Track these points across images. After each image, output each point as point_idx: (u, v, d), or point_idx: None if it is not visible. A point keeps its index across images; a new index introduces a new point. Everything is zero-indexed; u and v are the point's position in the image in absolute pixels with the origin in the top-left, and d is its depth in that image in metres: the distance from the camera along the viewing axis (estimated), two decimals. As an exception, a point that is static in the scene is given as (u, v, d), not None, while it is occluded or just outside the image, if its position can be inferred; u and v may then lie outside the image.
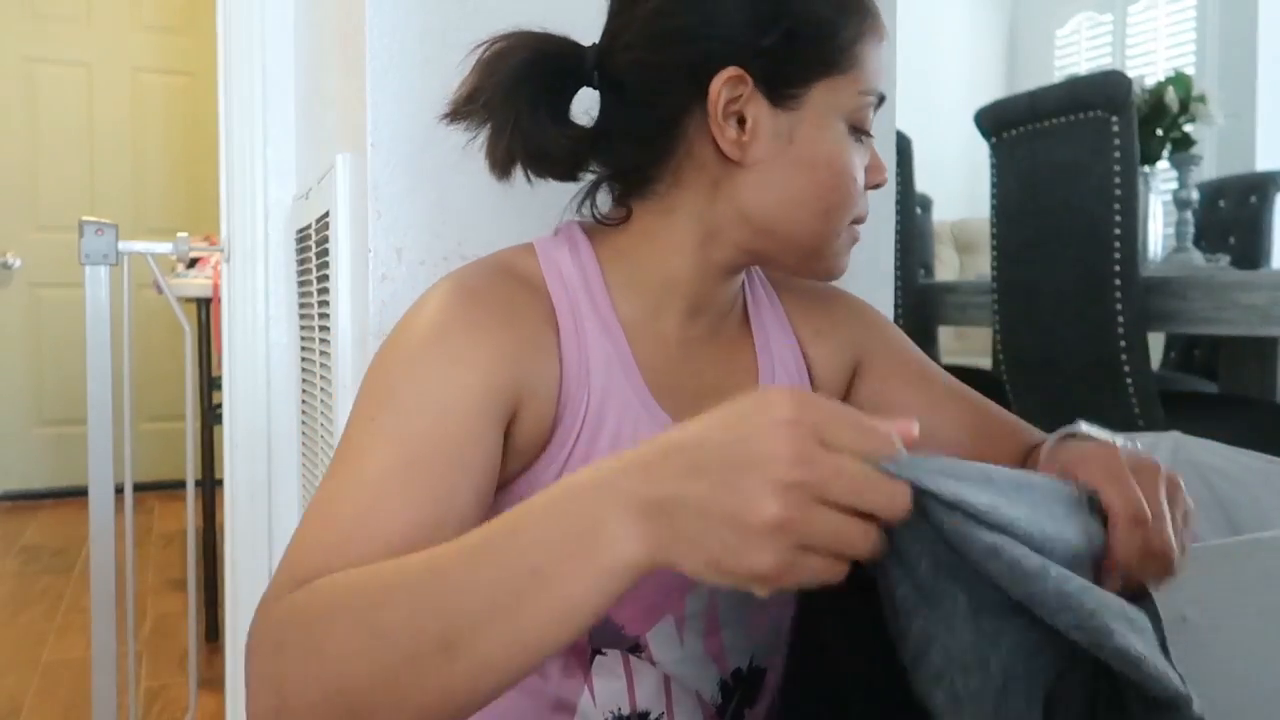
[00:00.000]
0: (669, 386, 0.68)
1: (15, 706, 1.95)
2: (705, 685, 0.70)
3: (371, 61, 0.87)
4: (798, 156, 0.64)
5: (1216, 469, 1.20)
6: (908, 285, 2.36)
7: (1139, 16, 3.86)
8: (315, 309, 1.18)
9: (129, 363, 1.58)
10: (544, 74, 0.66)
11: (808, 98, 0.64)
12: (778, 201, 0.65)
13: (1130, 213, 1.70)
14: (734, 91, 0.63)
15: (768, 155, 0.64)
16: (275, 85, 1.47)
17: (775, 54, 0.63)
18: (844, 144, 0.65)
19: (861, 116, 0.66)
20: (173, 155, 3.93)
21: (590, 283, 0.68)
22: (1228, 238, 2.61)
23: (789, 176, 0.65)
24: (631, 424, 0.65)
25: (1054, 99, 1.81)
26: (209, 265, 2.32)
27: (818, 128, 0.64)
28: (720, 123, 0.63)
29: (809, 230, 0.66)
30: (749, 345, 0.75)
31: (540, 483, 0.64)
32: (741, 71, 0.62)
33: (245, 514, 1.50)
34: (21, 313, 3.75)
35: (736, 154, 0.64)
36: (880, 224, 1.08)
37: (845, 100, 0.65)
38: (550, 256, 0.68)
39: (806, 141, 0.64)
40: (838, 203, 0.66)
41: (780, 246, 0.68)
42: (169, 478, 3.65)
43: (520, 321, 0.63)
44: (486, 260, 0.68)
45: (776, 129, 0.64)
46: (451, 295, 0.62)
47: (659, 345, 0.69)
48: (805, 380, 0.77)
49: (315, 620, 0.48)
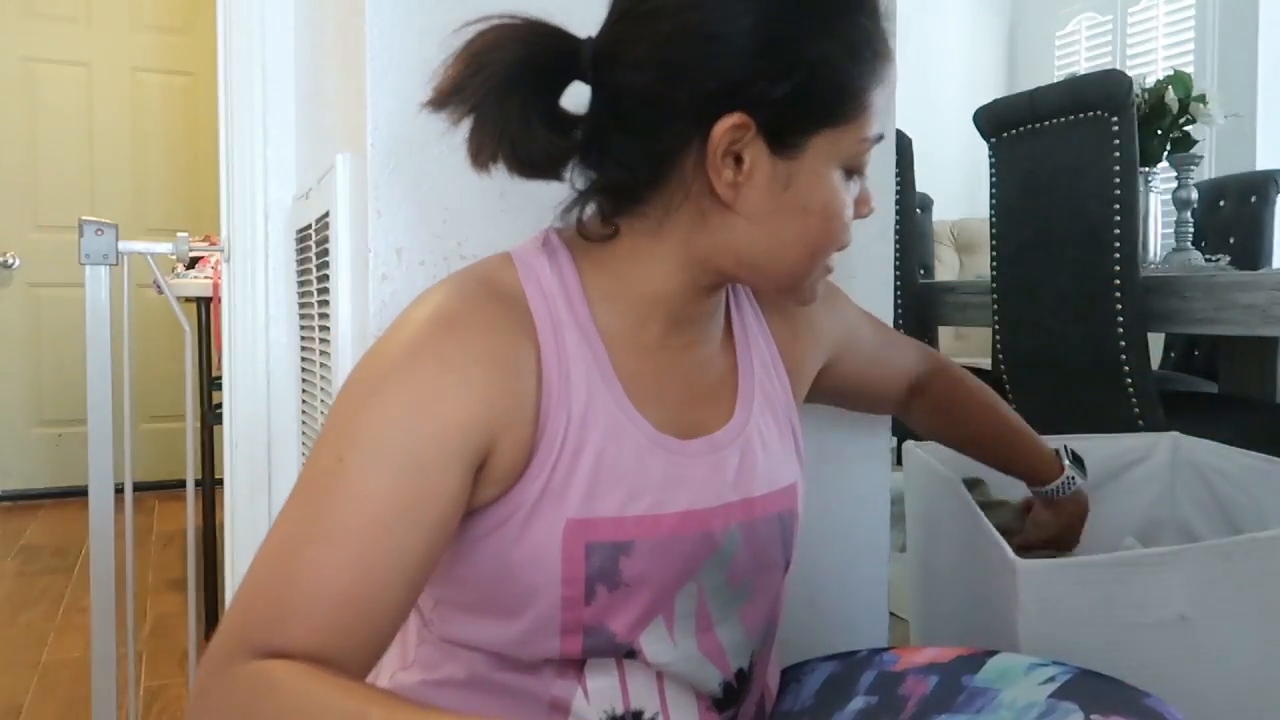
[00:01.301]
0: (652, 395, 0.68)
1: (15, 706, 1.95)
2: (706, 684, 0.70)
3: (371, 61, 0.87)
4: (791, 203, 0.64)
5: (1216, 469, 1.20)
6: (907, 285, 2.36)
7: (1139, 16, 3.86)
8: (315, 309, 1.18)
9: (129, 363, 1.58)
10: (536, 75, 0.64)
11: (809, 145, 0.63)
12: (766, 244, 0.65)
13: (1130, 213, 1.70)
14: (736, 136, 0.61)
15: (761, 201, 0.64)
16: (275, 85, 1.47)
17: (782, 103, 0.61)
18: (839, 190, 0.65)
19: (860, 161, 0.66)
20: (173, 155, 3.92)
21: (570, 293, 0.67)
22: (1228, 238, 2.61)
23: (780, 221, 0.65)
24: (616, 435, 0.65)
25: (1054, 99, 1.81)
26: (209, 265, 2.32)
27: (815, 175, 0.64)
28: (718, 165, 0.62)
29: (794, 268, 0.67)
30: (730, 351, 0.75)
31: (523, 503, 0.63)
32: (746, 118, 0.61)
33: (245, 514, 1.50)
34: (21, 313, 3.75)
35: (730, 196, 0.63)
36: (880, 224, 1.08)
37: (846, 148, 0.64)
38: (529, 267, 0.67)
39: (802, 189, 0.64)
40: (825, 245, 0.67)
41: (763, 279, 0.69)
42: (169, 478, 3.65)
43: (498, 348, 0.62)
44: (467, 275, 0.67)
45: (774, 175, 0.63)
46: (428, 325, 0.61)
47: (641, 354, 0.69)
48: (785, 383, 0.78)
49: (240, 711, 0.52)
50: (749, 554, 0.71)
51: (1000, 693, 0.66)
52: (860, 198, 0.69)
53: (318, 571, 0.55)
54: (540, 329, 0.65)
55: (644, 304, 0.68)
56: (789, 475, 0.75)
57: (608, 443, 0.65)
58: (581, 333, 0.66)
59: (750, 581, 0.72)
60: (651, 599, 0.67)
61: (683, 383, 0.71)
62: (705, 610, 0.70)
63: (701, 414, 0.71)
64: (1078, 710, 0.61)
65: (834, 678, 0.78)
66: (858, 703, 0.74)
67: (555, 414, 0.63)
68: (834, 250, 0.68)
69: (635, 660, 0.68)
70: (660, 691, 0.68)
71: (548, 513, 0.63)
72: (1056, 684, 0.65)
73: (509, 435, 0.62)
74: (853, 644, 1.02)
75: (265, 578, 0.56)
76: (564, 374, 0.64)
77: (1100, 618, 0.85)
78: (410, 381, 0.59)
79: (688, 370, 0.71)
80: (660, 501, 0.66)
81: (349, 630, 0.55)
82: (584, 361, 0.65)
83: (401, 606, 0.58)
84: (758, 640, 0.73)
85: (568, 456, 0.63)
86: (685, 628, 0.69)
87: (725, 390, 0.74)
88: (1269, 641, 0.89)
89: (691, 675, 0.69)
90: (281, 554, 0.57)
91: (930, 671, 0.72)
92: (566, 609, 0.64)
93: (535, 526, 0.63)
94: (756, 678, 0.74)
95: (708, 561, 0.69)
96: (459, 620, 0.68)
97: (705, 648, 0.70)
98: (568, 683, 0.67)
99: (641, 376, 0.68)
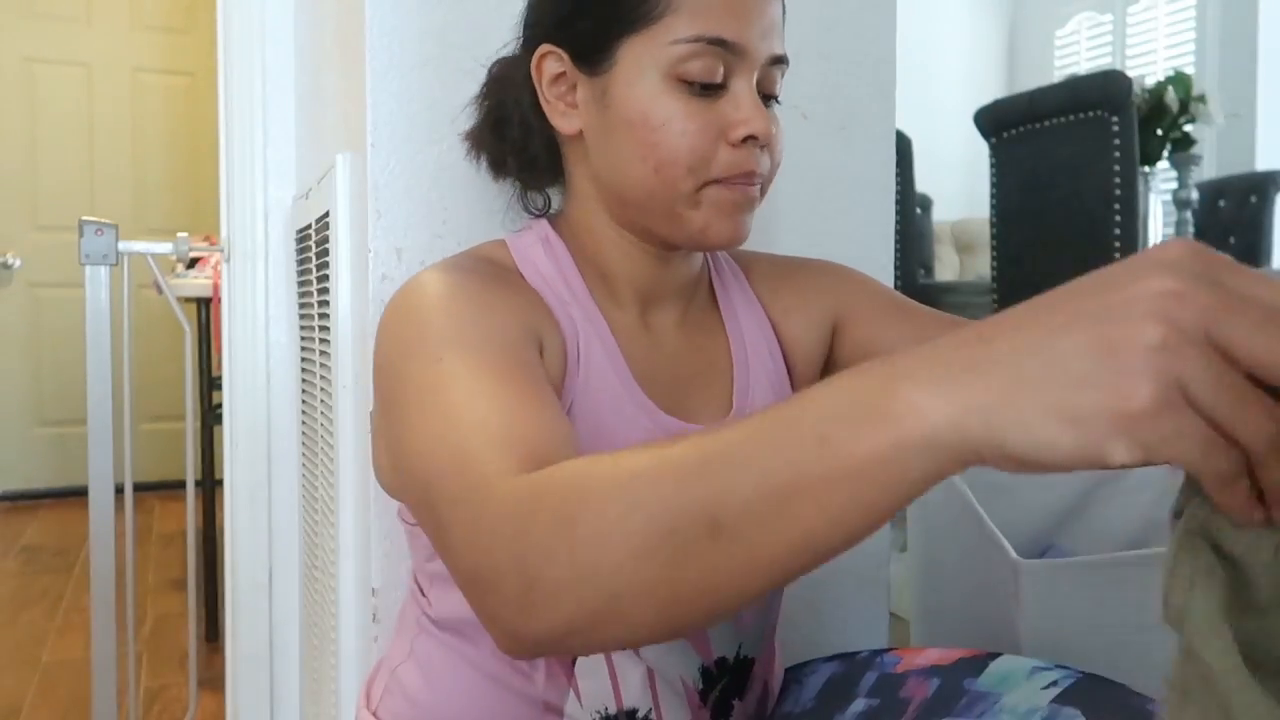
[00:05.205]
0: (646, 374, 0.69)
1: (15, 706, 1.94)
2: (686, 671, 0.70)
3: (371, 61, 0.86)
4: (616, 119, 0.65)
5: (1217, 469, 1.19)
6: (908, 285, 2.36)
7: (1139, 16, 3.86)
8: (315, 309, 1.18)
9: (129, 363, 1.58)
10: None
11: (616, 57, 0.64)
12: (610, 167, 0.67)
13: (1130, 213, 1.70)
14: (554, 69, 0.67)
15: (590, 122, 0.67)
16: (275, 85, 1.47)
17: (574, 21, 0.65)
18: (658, 98, 0.63)
19: (684, 67, 0.62)
20: (173, 155, 3.92)
21: (566, 273, 0.69)
22: (1228, 238, 2.61)
23: (613, 140, 0.66)
24: (615, 408, 0.66)
25: (1054, 99, 1.81)
26: (209, 265, 2.32)
27: (628, 86, 0.64)
28: (549, 100, 0.67)
29: (646, 189, 0.65)
30: (720, 329, 0.75)
31: None
32: (551, 47, 0.66)
33: (245, 514, 1.50)
34: (21, 313, 3.75)
35: (565, 127, 0.68)
36: (880, 224, 1.08)
37: (655, 52, 0.62)
38: (523, 251, 0.70)
39: (617, 101, 0.64)
40: (665, 158, 0.63)
41: (636, 212, 0.67)
42: (169, 478, 3.65)
43: (517, 289, 0.65)
44: (459, 254, 0.70)
45: (592, 95, 0.66)
46: (447, 274, 0.62)
47: (632, 334, 0.70)
48: (779, 360, 0.77)
49: (565, 491, 0.43)
50: None
51: (1002, 697, 0.66)
52: (735, 117, 0.63)
53: (485, 416, 0.50)
54: (547, 299, 0.67)
55: (615, 283, 0.71)
56: None
57: (607, 418, 0.65)
58: (582, 309, 0.67)
59: None
60: None
61: (674, 362, 0.71)
62: None
63: (697, 400, 0.71)
64: (1080, 716, 0.61)
65: (835, 679, 0.78)
66: (859, 705, 0.74)
67: (571, 376, 0.65)
68: (685, 168, 0.63)
69: (624, 654, 0.67)
70: (652, 690, 0.68)
71: None
72: (1059, 689, 0.64)
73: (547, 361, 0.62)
74: (853, 644, 1.02)
75: (443, 464, 0.49)
76: (574, 343, 0.65)
77: (1101, 618, 0.85)
78: (465, 299, 0.59)
79: (678, 350, 0.72)
80: None
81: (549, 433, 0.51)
82: (587, 335, 0.66)
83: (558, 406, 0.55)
84: (751, 634, 0.73)
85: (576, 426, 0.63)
86: None
87: (719, 376, 0.74)
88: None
89: (674, 662, 0.69)
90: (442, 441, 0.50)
91: (932, 674, 0.72)
92: None
93: None
94: (755, 675, 0.74)
95: None
96: (457, 598, 0.68)
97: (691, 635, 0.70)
98: (559, 685, 0.67)
99: (637, 356, 0.69)
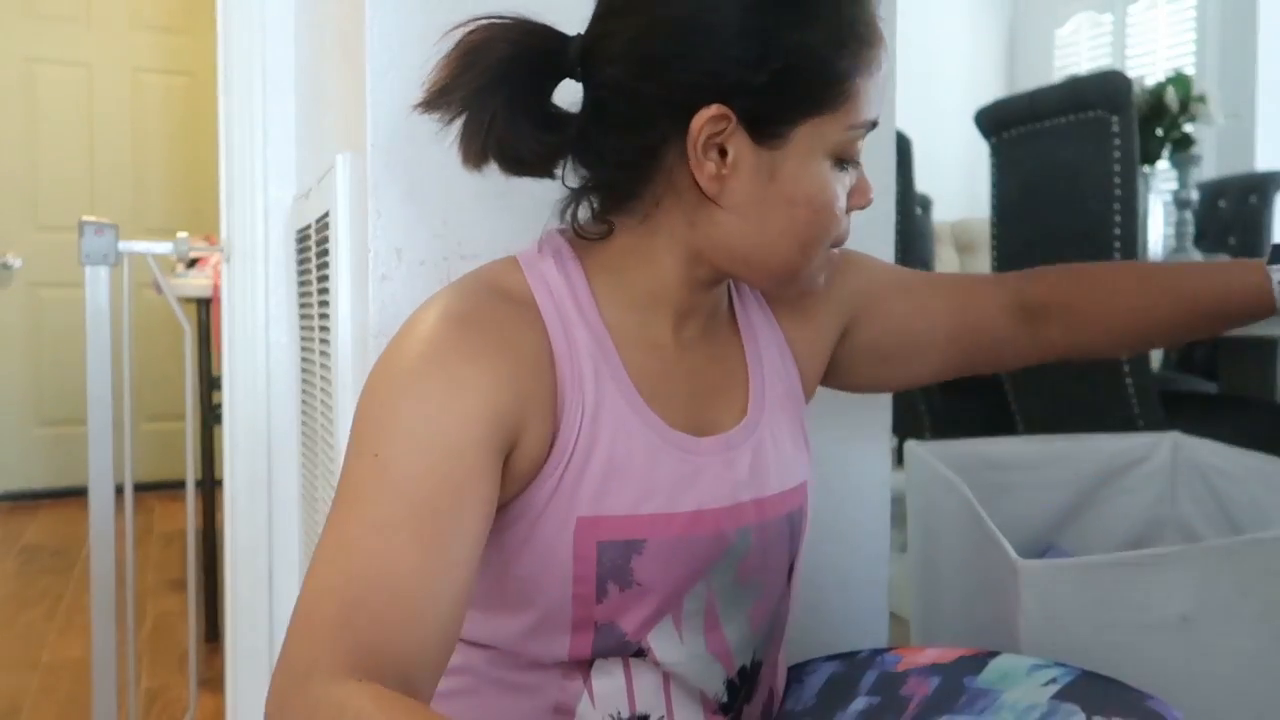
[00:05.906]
0: (662, 391, 0.68)
1: (15, 706, 1.94)
2: (709, 684, 0.70)
3: (371, 61, 0.86)
4: (778, 194, 0.63)
5: (1216, 469, 1.20)
6: (908, 285, 2.36)
7: (1139, 16, 3.86)
8: (315, 309, 1.18)
9: (129, 363, 1.58)
10: (524, 73, 0.64)
11: (793, 135, 0.62)
12: (755, 238, 0.65)
13: (1130, 213, 1.70)
14: (716, 128, 0.61)
15: (746, 193, 0.63)
16: (275, 85, 1.47)
17: (763, 92, 0.60)
18: (827, 179, 0.64)
19: (850, 150, 0.64)
20: (173, 155, 3.92)
21: (577, 293, 0.67)
22: (1228, 238, 2.61)
23: (767, 214, 0.64)
24: (625, 433, 0.65)
25: (1054, 99, 1.81)
26: (209, 265, 2.32)
27: (801, 165, 0.63)
28: (699, 159, 0.62)
29: (786, 261, 0.66)
30: (737, 342, 0.75)
31: (536, 500, 0.63)
32: (725, 110, 0.60)
33: (245, 514, 1.50)
34: (21, 313, 3.75)
35: (714, 190, 0.63)
36: (880, 224, 1.08)
37: (832, 136, 0.63)
38: (536, 269, 0.67)
39: (788, 180, 0.63)
40: (816, 236, 0.65)
41: (756, 274, 0.68)
42: (169, 478, 3.64)
43: (515, 342, 0.62)
44: (470, 280, 0.67)
45: (757, 166, 0.62)
46: (443, 324, 0.61)
47: (649, 351, 0.69)
48: (791, 363, 0.77)
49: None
50: (759, 554, 0.71)
51: (1002, 694, 0.66)
52: (857, 188, 0.67)
53: (379, 563, 0.53)
54: (550, 328, 0.65)
55: (647, 300, 0.68)
56: (799, 474, 0.75)
57: (619, 440, 0.65)
58: (590, 331, 0.66)
59: (758, 580, 0.72)
60: (662, 598, 0.67)
61: (692, 379, 0.70)
62: (713, 609, 0.69)
63: (713, 412, 0.71)
64: (1079, 712, 0.61)
65: (836, 678, 0.78)
66: (860, 703, 0.74)
67: (570, 410, 0.63)
68: (827, 243, 0.66)
69: (643, 661, 0.68)
70: (666, 694, 0.68)
71: (560, 510, 0.63)
72: (1058, 685, 0.65)
73: (532, 426, 0.62)
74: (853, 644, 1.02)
75: (327, 582, 0.54)
76: (576, 372, 0.64)
77: (1101, 618, 0.85)
78: (436, 374, 0.59)
79: (696, 366, 0.71)
80: (672, 500, 0.66)
81: (420, 618, 0.53)
82: (594, 359, 0.65)
83: (467, 586, 0.56)
84: (762, 637, 0.73)
85: (580, 454, 0.63)
86: (693, 626, 0.69)
87: (736, 387, 0.73)
88: (1271, 642, 0.89)
89: (698, 675, 0.69)
90: (338, 557, 0.54)
91: (932, 672, 0.72)
92: (578, 607, 0.64)
93: (547, 524, 0.63)
94: (764, 677, 0.74)
95: (718, 562, 0.68)
96: (470, 616, 0.68)
97: (713, 648, 0.70)
98: (573, 684, 0.67)
99: (651, 374, 0.68)
